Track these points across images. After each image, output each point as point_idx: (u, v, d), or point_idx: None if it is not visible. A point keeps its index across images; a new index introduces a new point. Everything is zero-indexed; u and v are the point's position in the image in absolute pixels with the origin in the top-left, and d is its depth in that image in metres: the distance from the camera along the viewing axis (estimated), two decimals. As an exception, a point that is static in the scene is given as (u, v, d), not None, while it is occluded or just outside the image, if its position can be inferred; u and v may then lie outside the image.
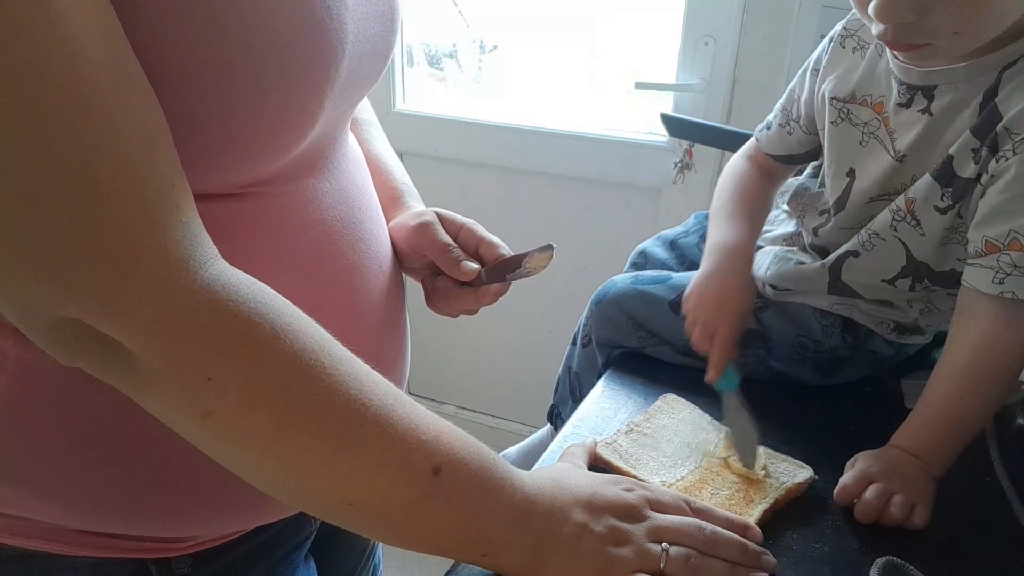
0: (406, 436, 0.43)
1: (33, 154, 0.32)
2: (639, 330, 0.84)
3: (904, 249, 0.71)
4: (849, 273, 0.75)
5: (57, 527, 0.48)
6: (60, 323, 0.36)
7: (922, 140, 0.68)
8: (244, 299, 0.38)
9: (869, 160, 0.73)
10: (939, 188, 0.67)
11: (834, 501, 0.63)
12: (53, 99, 0.32)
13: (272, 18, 0.40)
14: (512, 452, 1.06)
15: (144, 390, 0.38)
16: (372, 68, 0.52)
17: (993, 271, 0.63)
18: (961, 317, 0.66)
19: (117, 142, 0.34)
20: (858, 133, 0.74)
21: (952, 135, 0.66)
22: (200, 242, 0.38)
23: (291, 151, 0.46)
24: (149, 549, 0.50)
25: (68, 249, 0.34)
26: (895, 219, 0.71)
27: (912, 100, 0.69)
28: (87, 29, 0.33)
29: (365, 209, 0.57)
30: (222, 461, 0.41)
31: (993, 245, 0.63)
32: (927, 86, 0.67)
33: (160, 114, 0.37)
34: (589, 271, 1.71)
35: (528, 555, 0.48)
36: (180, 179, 0.38)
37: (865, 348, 0.80)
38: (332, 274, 0.52)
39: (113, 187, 0.34)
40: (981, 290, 0.63)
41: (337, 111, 0.50)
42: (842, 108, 0.75)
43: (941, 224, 0.68)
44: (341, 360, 0.42)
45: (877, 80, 0.73)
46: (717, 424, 0.70)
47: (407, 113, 1.79)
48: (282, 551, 0.59)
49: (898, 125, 0.70)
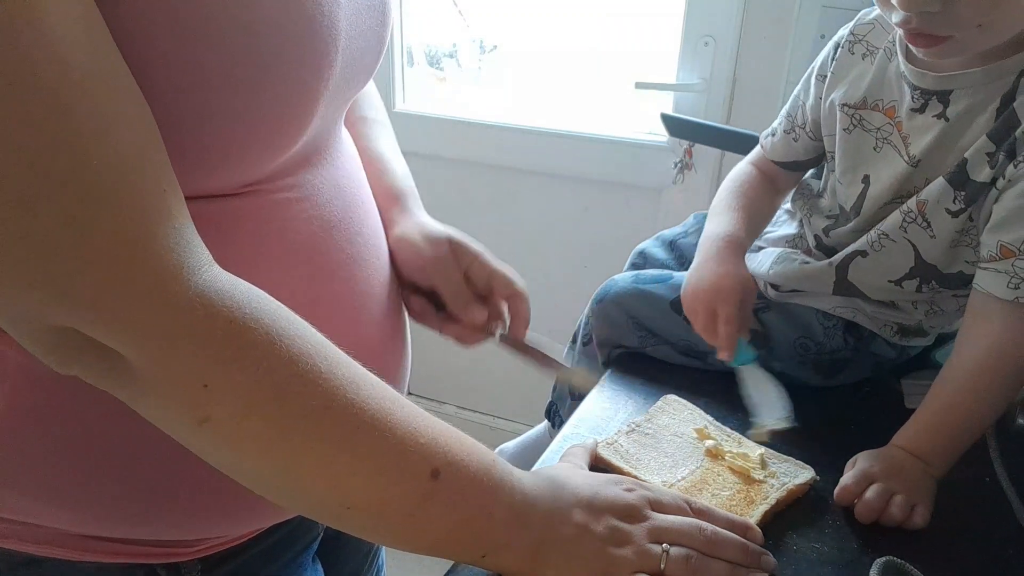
0: (404, 439, 0.43)
1: (24, 162, 0.32)
2: (640, 330, 0.84)
3: (913, 250, 0.71)
4: (856, 273, 0.75)
5: (65, 532, 0.48)
6: (55, 332, 0.36)
7: (937, 145, 0.68)
8: (239, 304, 0.38)
9: (883, 166, 0.73)
10: (952, 191, 0.67)
11: (834, 501, 0.63)
12: (42, 107, 0.32)
13: (263, 18, 0.40)
14: (509, 447, 1.06)
15: (141, 397, 0.38)
16: (366, 64, 0.52)
17: (1008, 276, 0.63)
18: (972, 320, 0.66)
19: (108, 149, 0.34)
20: (872, 139, 0.73)
21: (968, 139, 0.66)
22: (193, 248, 0.38)
23: (288, 149, 0.46)
24: (158, 554, 0.50)
25: (61, 257, 0.34)
26: (906, 220, 0.70)
27: (927, 105, 0.68)
28: (74, 37, 0.33)
29: (361, 203, 0.56)
30: (221, 467, 0.41)
31: (1008, 250, 0.63)
32: (942, 91, 0.67)
33: (151, 120, 0.37)
34: (589, 271, 1.71)
35: (528, 556, 0.48)
36: (172, 184, 0.37)
37: (867, 350, 0.80)
38: (332, 268, 0.52)
39: (105, 194, 0.34)
40: (996, 295, 0.63)
41: (332, 107, 0.50)
42: (854, 115, 0.74)
43: (952, 227, 0.68)
44: (338, 364, 0.42)
45: (888, 85, 0.72)
46: (718, 425, 0.70)
47: (407, 113, 1.79)
48: (291, 553, 0.59)
49: (912, 130, 0.70)
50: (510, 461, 0.50)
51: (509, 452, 1.06)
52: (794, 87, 0.84)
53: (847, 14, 0.78)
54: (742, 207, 0.83)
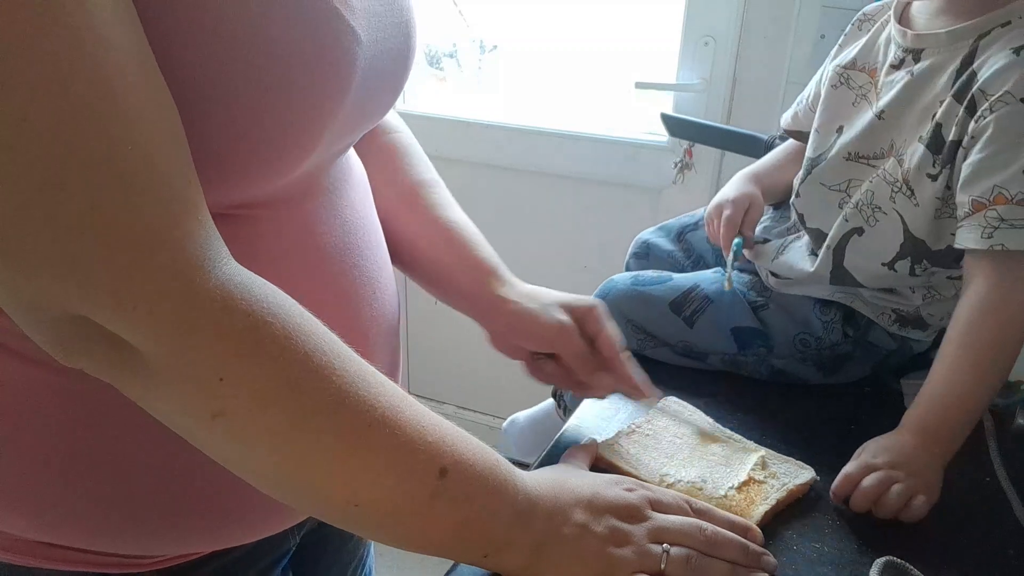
0: (414, 437, 0.43)
1: (61, 142, 0.32)
2: (639, 332, 0.84)
3: (901, 223, 0.73)
4: (852, 257, 0.76)
5: (20, 538, 0.47)
6: (67, 321, 0.36)
7: (900, 99, 0.73)
8: (256, 298, 0.38)
9: (856, 117, 0.78)
10: (930, 156, 0.70)
11: (835, 491, 0.62)
12: (84, 87, 0.32)
13: (278, 41, 0.40)
14: (521, 418, 1.07)
15: (151, 390, 0.38)
16: (380, 104, 0.52)
17: (981, 227, 0.64)
18: (964, 286, 0.67)
19: (143, 136, 0.34)
20: (852, 95, 0.80)
21: (927, 98, 0.71)
22: (213, 241, 0.38)
23: (285, 176, 0.46)
24: (114, 564, 0.49)
25: (86, 241, 0.33)
26: (892, 191, 0.73)
27: (903, 62, 0.74)
28: (117, 20, 0.33)
29: (363, 235, 0.56)
30: (230, 463, 0.41)
31: (979, 203, 0.65)
32: (916, 49, 0.73)
33: (176, 112, 0.37)
34: (589, 271, 1.71)
35: (529, 555, 0.48)
36: (195, 177, 0.38)
37: (866, 341, 0.80)
38: (322, 299, 0.50)
39: (135, 180, 0.34)
40: (972, 247, 0.65)
41: (340, 140, 0.50)
42: (843, 73, 0.81)
43: (932, 192, 0.70)
44: (350, 361, 0.42)
45: (877, 50, 0.79)
46: (718, 427, 0.70)
47: (407, 113, 1.79)
48: (255, 569, 0.57)
49: (885, 85, 0.76)
50: (522, 431, 0.49)
51: (520, 423, 1.06)
52: (794, 87, 0.88)
53: (847, 14, 0.80)
54: (772, 158, 0.96)
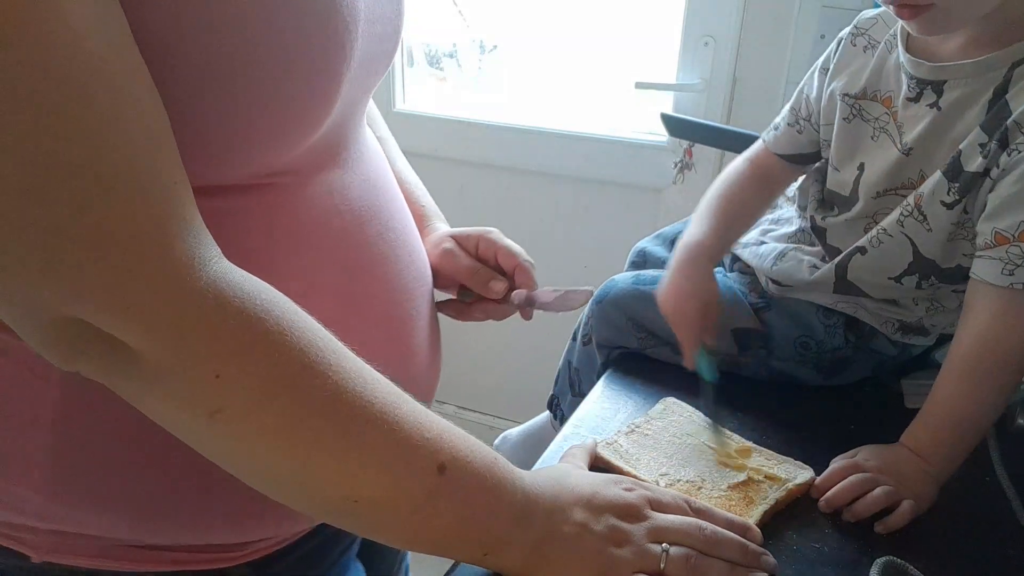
0: (411, 434, 0.43)
1: (40, 148, 0.32)
2: (639, 331, 0.84)
3: (911, 245, 0.71)
4: (855, 271, 0.75)
5: (112, 542, 0.47)
6: (62, 324, 0.36)
7: (928, 134, 0.69)
8: (249, 296, 0.38)
9: (878, 154, 0.74)
10: (946, 183, 0.67)
11: (816, 489, 0.63)
12: (58, 93, 0.32)
13: (285, 4, 0.40)
14: (513, 434, 1.07)
15: (148, 392, 0.38)
16: (385, 49, 0.52)
17: (1003, 263, 0.63)
18: (967, 310, 0.66)
19: (123, 137, 0.34)
20: (870, 128, 0.75)
21: (959, 130, 0.67)
22: (203, 240, 0.38)
23: (308, 138, 0.46)
24: (205, 560, 0.49)
25: (75, 244, 0.33)
26: (903, 215, 0.71)
27: (921, 95, 0.70)
28: (89, 25, 0.33)
29: (392, 199, 0.57)
30: (227, 463, 0.41)
31: (1003, 237, 0.64)
32: (936, 81, 0.68)
33: (163, 111, 0.37)
34: (589, 271, 1.71)
35: (528, 554, 0.48)
36: (182, 177, 0.38)
37: (868, 347, 0.80)
38: (363, 264, 0.52)
39: (120, 182, 0.34)
40: (990, 281, 0.64)
41: (352, 96, 0.50)
42: (854, 104, 0.76)
43: (947, 219, 0.68)
44: (345, 357, 0.42)
45: (887, 76, 0.74)
46: (718, 427, 0.70)
47: (407, 113, 1.79)
48: (336, 552, 0.58)
49: (906, 119, 0.71)
50: (514, 448, 0.50)
51: (513, 438, 1.06)
52: (794, 87, 0.85)
53: (847, 14, 0.79)
54: (723, 211, 0.84)
